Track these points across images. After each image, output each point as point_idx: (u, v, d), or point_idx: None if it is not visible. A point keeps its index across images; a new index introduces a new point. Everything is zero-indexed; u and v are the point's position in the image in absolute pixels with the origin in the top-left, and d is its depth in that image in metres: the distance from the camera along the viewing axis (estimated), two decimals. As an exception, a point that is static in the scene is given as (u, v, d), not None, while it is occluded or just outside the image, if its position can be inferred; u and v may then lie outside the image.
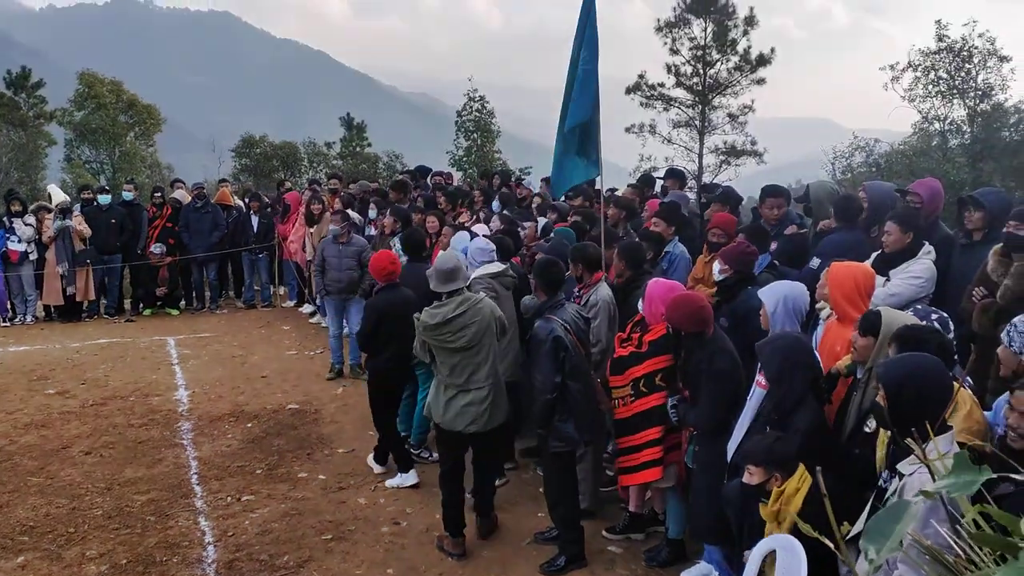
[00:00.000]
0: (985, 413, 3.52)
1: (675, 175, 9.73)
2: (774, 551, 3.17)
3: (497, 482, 5.96)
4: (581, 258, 5.88)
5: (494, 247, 6.65)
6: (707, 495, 4.47)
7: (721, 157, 24.81)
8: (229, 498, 6.16)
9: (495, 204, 9.98)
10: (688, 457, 4.83)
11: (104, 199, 12.31)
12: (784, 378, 3.77)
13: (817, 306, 4.73)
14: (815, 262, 5.56)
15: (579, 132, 6.39)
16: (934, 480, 1.21)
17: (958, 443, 3.22)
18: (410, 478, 6.37)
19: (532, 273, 5.46)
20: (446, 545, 5.37)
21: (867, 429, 3.69)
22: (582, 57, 6.27)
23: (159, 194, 12.90)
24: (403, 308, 6.10)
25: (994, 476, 1.09)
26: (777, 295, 4.51)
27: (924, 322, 3.77)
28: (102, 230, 12.07)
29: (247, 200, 13.40)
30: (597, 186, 6.87)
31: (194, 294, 13.21)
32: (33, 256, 11.78)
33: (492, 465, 5.76)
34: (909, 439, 1.30)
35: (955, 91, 19.27)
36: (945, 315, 3.88)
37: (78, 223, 11.81)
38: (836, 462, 3.66)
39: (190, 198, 12.91)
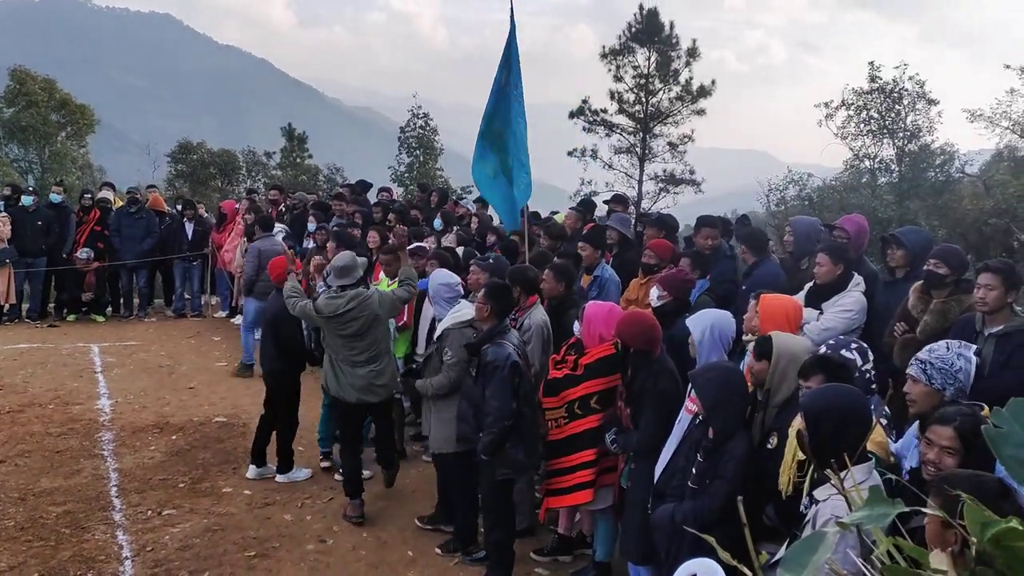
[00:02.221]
0: (896, 444, 3.67)
1: (620, 200, 9.91)
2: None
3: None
4: (520, 281, 5.84)
5: (459, 281, 6.18)
6: (641, 514, 4.50)
7: (660, 185, 25.14)
8: (149, 512, 6.00)
9: (436, 222, 9.96)
10: (623, 477, 4.85)
11: (27, 200, 11.82)
12: (720, 407, 3.83)
13: (745, 338, 4.83)
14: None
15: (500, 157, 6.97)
16: (851, 509, 1.25)
17: (869, 452, 3.33)
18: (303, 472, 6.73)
19: (484, 296, 5.35)
20: (348, 511, 6.02)
21: (769, 446, 3.82)
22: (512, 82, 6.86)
23: (88, 195, 12.55)
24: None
25: (907, 509, 1.13)
26: (704, 323, 4.57)
27: (843, 351, 3.89)
28: (27, 232, 11.63)
29: (179, 207, 13.12)
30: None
31: (122, 301, 12.85)
32: (-48, 255, 11.31)
33: (387, 426, 6.39)
34: (828, 470, 1.34)
35: (885, 131, 19.96)
36: (864, 345, 4.01)
37: (1, 223, 11.38)
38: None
39: (119, 202, 12.61)
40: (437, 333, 5.82)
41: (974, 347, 3.59)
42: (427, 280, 6.38)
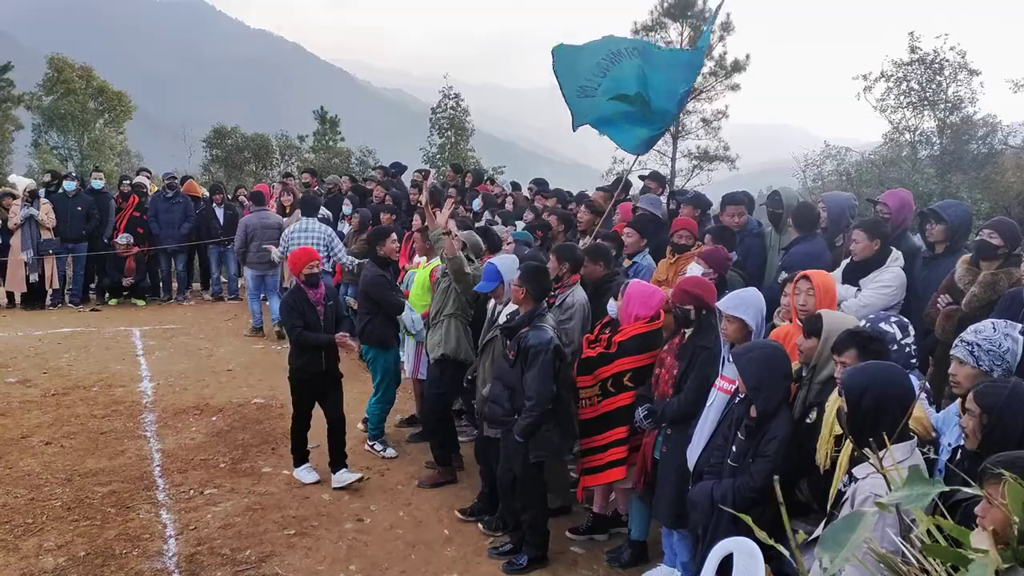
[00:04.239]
0: (936, 415, 3.64)
1: (656, 178, 9.78)
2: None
3: None
4: (569, 257, 5.76)
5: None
6: (675, 478, 4.48)
7: (694, 162, 24.92)
8: (192, 491, 6.10)
9: (476, 203, 9.96)
10: (656, 448, 4.82)
11: (69, 186, 12.09)
12: (763, 386, 3.79)
13: (776, 320, 4.76)
14: (782, 276, 5.57)
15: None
16: (890, 488, 1.24)
17: (910, 430, 3.28)
18: (306, 474, 6.41)
19: (520, 279, 5.28)
20: (439, 476, 6.34)
21: (808, 421, 3.80)
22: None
23: (127, 181, 12.76)
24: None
25: (947, 489, 1.12)
26: (756, 308, 4.44)
27: (881, 324, 3.84)
28: (68, 218, 11.89)
29: (210, 192, 13.30)
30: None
31: (161, 285, 13.08)
32: (-2, 242, 11.58)
33: None
34: (867, 449, 1.32)
35: (926, 103, 19.46)
36: (905, 320, 3.94)
37: (45, 212, 11.62)
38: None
39: (155, 187, 12.82)
40: (506, 315, 5.70)
41: (1020, 326, 3.52)
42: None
